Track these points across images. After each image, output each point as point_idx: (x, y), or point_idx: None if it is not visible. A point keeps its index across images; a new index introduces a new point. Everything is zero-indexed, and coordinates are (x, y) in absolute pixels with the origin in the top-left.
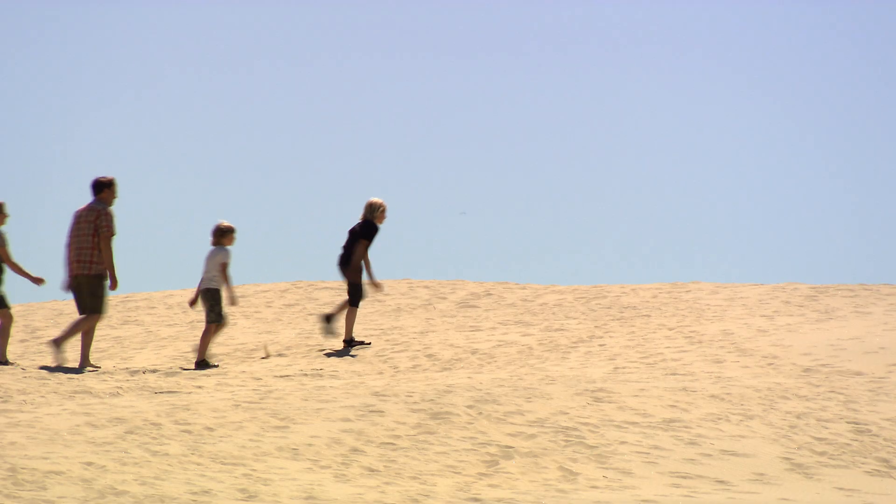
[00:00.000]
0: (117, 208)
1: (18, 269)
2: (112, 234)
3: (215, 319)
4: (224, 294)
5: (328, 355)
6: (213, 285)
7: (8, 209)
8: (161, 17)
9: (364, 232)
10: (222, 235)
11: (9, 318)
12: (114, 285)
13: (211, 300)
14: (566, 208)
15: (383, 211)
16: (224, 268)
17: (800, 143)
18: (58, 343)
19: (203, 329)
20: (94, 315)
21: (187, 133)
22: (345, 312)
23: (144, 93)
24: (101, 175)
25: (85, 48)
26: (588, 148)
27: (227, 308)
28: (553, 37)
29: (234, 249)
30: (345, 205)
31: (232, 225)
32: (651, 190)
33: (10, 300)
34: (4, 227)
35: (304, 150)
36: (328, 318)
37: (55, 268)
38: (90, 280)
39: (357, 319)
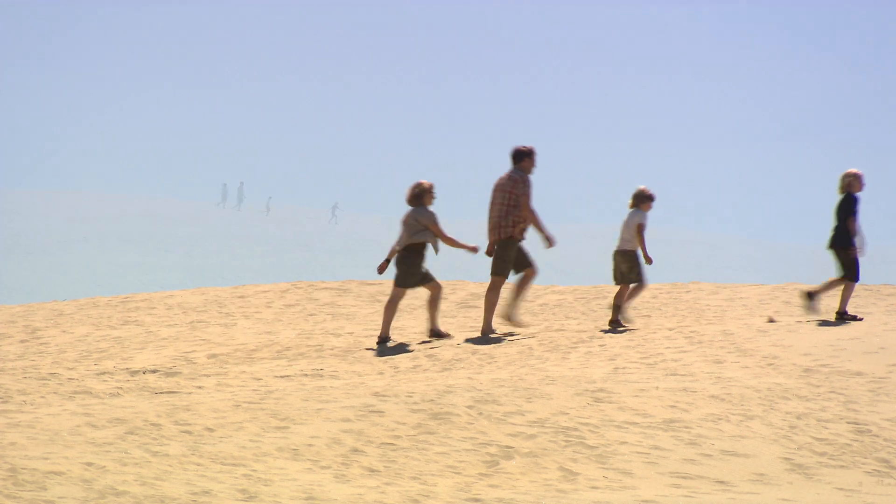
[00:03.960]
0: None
1: (453, 242)
2: (528, 200)
3: (635, 280)
4: (639, 254)
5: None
6: (628, 247)
7: (435, 191)
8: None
9: (847, 207)
10: (640, 200)
11: (437, 289)
12: (549, 243)
13: (629, 261)
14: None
15: (857, 177)
16: (640, 229)
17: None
18: (511, 316)
19: (618, 290)
20: (499, 278)
21: (189, 133)
22: (839, 288)
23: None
24: (521, 144)
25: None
26: (588, 148)
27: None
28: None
29: (234, 249)
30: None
31: (652, 194)
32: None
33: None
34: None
35: (304, 150)
36: (810, 296)
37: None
38: (501, 244)
39: (359, 320)
